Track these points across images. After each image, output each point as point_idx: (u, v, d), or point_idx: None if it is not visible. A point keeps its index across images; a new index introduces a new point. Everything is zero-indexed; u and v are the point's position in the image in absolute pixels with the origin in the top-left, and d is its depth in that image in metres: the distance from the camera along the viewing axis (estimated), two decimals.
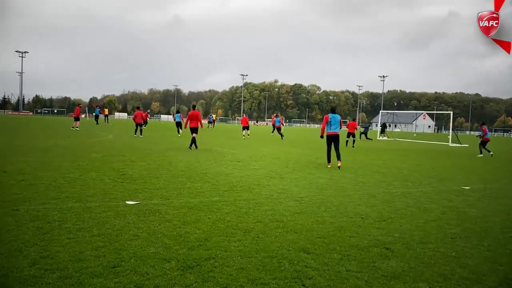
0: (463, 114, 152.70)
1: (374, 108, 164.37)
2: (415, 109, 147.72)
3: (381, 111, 50.02)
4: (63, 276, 3.51)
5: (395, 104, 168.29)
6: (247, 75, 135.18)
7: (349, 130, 24.04)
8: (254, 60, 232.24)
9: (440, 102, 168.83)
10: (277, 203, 6.92)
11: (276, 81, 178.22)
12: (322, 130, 12.68)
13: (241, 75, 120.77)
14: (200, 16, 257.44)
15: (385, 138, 38.95)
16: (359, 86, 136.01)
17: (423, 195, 8.39)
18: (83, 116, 61.98)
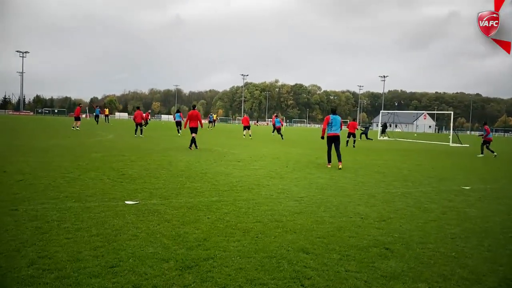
0: (464, 114, 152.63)
1: (375, 108, 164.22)
2: (416, 109, 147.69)
3: (382, 111, 49.94)
4: (61, 276, 3.50)
5: (396, 104, 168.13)
6: (248, 75, 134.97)
7: (350, 130, 24.03)
8: (255, 60, 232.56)
9: (441, 102, 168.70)
10: (277, 203, 6.91)
11: (277, 81, 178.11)
12: (323, 131, 12.66)
13: (242, 75, 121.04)
14: (201, 16, 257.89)
15: (386, 138, 38.92)
16: (360, 86, 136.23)
17: (423, 195, 8.37)
18: (84, 116, 62.00)
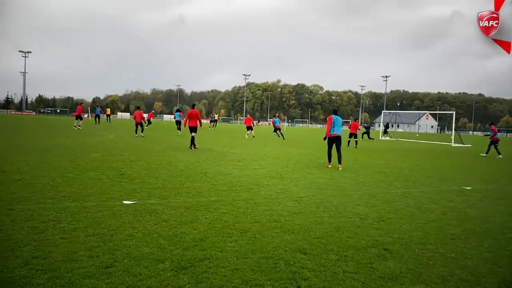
0: (466, 115, 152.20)
1: (377, 108, 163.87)
2: (418, 109, 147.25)
3: (384, 111, 49.73)
4: (54, 277, 3.47)
5: (398, 104, 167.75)
6: (250, 75, 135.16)
7: (351, 131, 23.94)
8: (257, 60, 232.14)
9: (443, 102, 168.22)
10: (276, 203, 6.86)
11: (279, 81, 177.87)
12: (328, 132, 12.53)
13: (244, 75, 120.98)
14: (203, 17, 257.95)
15: (388, 138, 38.81)
16: (362, 86, 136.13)
17: (424, 195, 8.31)
18: (86, 116, 62.04)
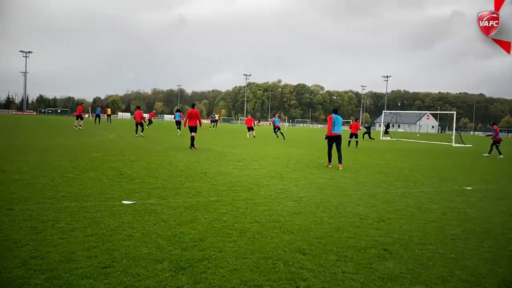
0: (467, 115, 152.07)
1: (378, 108, 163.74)
2: (419, 109, 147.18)
3: (384, 111, 49.67)
4: (52, 277, 3.45)
5: (399, 104, 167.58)
6: (250, 75, 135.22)
7: (352, 131, 23.91)
8: (257, 60, 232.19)
9: (444, 102, 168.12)
10: (276, 203, 6.84)
11: (280, 81, 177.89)
12: (329, 130, 12.50)
13: (244, 75, 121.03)
14: (203, 17, 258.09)
15: (388, 138, 38.78)
16: (363, 86, 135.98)
17: (424, 196, 8.28)
18: (86, 116, 62.06)
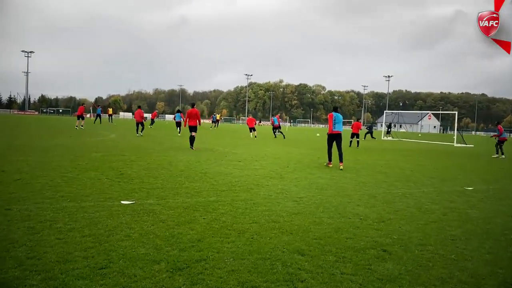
0: (469, 115, 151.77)
1: (380, 108, 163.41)
2: (421, 109, 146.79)
3: (386, 111, 49.69)
4: (48, 278, 3.43)
5: (401, 104, 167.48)
6: (252, 75, 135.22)
7: (353, 131, 23.86)
8: (257, 60, 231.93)
9: (446, 102, 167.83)
10: (275, 204, 6.81)
11: (281, 81, 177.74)
12: (330, 128, 12.46)
13: (246, 75, 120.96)
14: (203, 17, 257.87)
15: (390, 138, 38.71)
16: (364, 86, 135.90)
17: (425, 196, 8.24)
18: (88, 116, 62.15)
